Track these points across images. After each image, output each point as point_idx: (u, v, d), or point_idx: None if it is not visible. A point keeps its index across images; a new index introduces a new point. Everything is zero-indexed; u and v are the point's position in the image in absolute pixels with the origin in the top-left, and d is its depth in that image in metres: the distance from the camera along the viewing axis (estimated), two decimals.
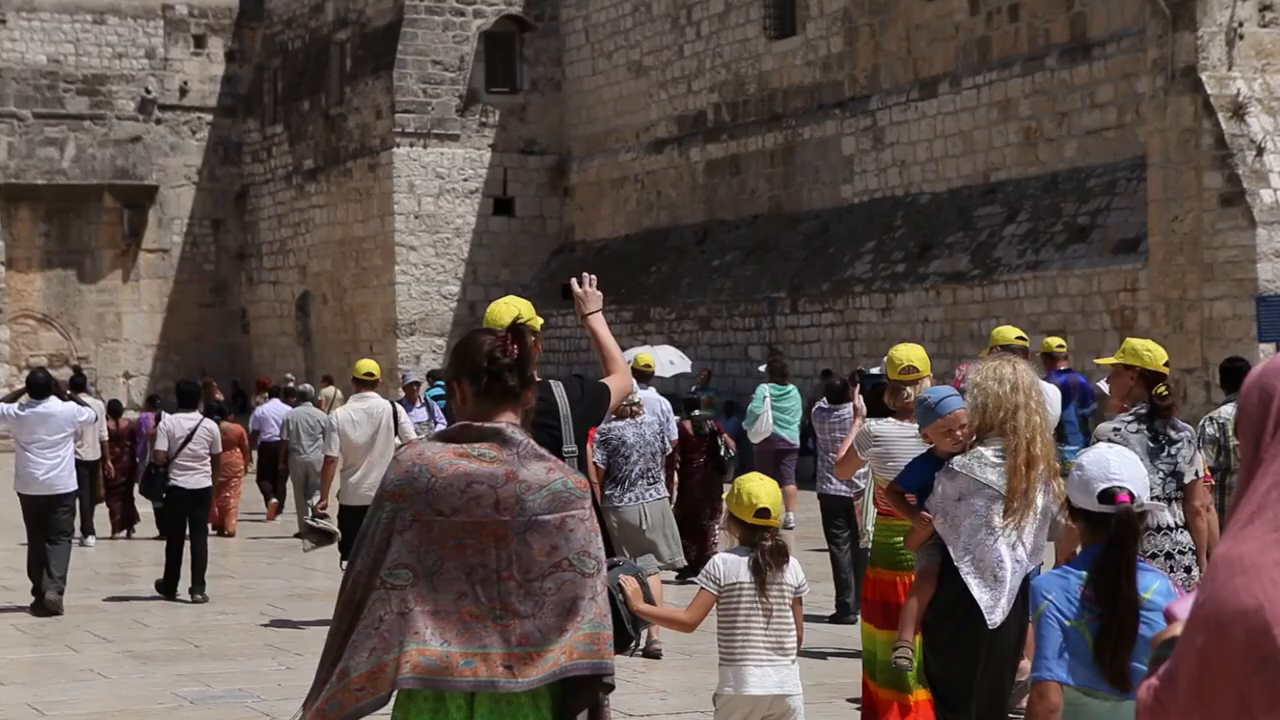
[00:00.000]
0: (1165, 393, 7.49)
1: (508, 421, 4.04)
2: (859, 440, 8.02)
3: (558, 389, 5.74)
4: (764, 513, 6.22)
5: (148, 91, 40.08)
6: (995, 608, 6.07)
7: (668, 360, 22.35)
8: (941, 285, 24.21)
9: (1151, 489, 5.84)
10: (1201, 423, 9.41)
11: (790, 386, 18.85)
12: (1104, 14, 23.05)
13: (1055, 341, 14.36)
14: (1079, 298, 22.02)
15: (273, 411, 21.72)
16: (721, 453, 14.82)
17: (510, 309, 5.73)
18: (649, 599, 4.87)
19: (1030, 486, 6.05)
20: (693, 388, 24.77)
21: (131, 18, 40.42)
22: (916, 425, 6.87)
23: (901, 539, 7.30)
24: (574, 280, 6.05)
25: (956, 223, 24.82)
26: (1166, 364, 7.66)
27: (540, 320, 5.93)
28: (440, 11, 34.06)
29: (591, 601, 3.96)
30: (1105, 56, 22.86)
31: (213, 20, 40.87)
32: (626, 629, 4.57)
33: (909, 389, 7.60)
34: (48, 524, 13.39)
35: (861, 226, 26.86)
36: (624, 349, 23.84)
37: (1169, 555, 7.23)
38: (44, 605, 13.26)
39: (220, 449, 15.03)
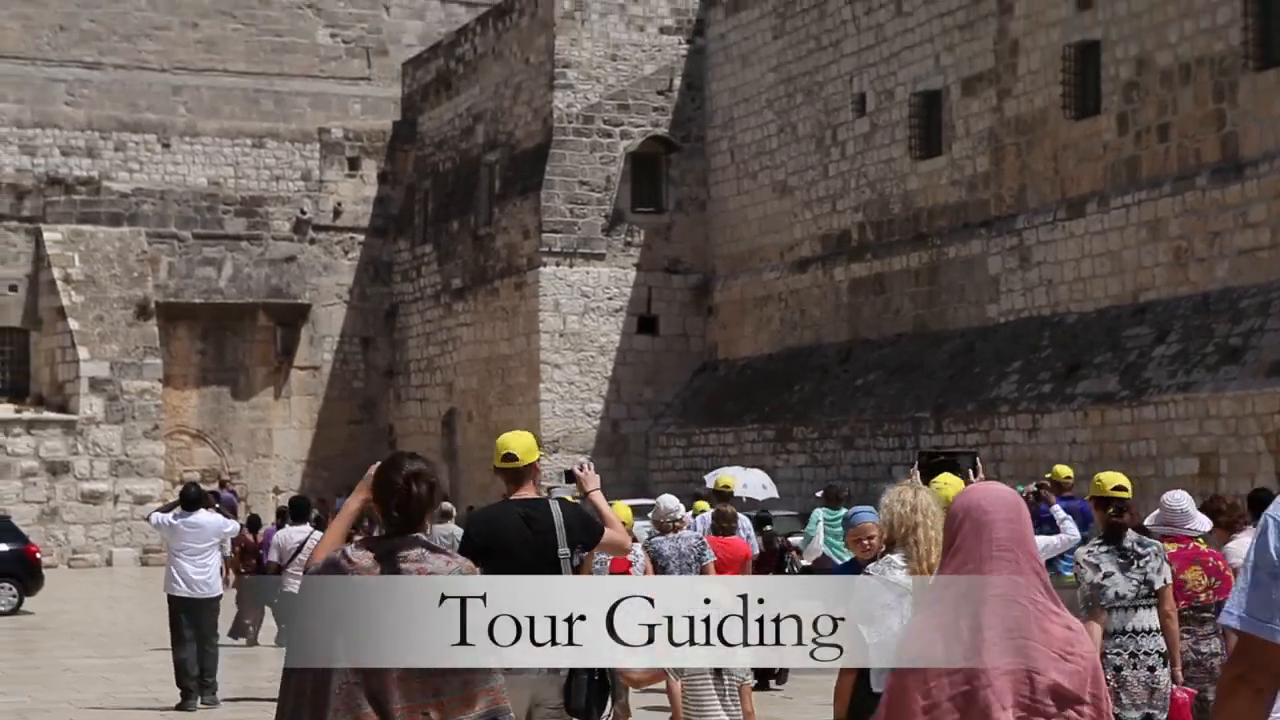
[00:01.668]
0: (1113, 513, 8.91)
1: (415, 534, 5.34)
2: None
3: (554, 505, 7.37)
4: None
5: (303, 212, 41.10)
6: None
7: (760, 485, 24.32)
8: (1089, 406, 23.87)
9: (1125, 596, 8.65)
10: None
11: (843, 511, 19.97)
12: (1256, 133, 22.77)
13: (1064, 471, 15.61)
14: (1232, 420, 21.56)
15: None
16: (787, 568, 17.61)
17: (517, 441, 7.54)
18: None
19: None
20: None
21: (289, 141, 41.58)
22: None
23: None
24: (575, 467, 7.95)
25: (1105, 343, 24.49)
26: (1119, 488, 9.07)
27: (537, 454, 7.67)
28: (588, 133, 34.59)
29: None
30: (1258, 176, 22.56)
31: (367, 143, 41.89)
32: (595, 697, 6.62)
33: None
34: (197, 627, 14.35)
35: (1007, 346, 26.61)
36: (752, 468, 24.92)
37: (1132, 655, 8.63)
38: (194, 705, 13.95)
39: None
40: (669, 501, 13.42)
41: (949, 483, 8.56)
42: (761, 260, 33.55)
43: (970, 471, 9.80)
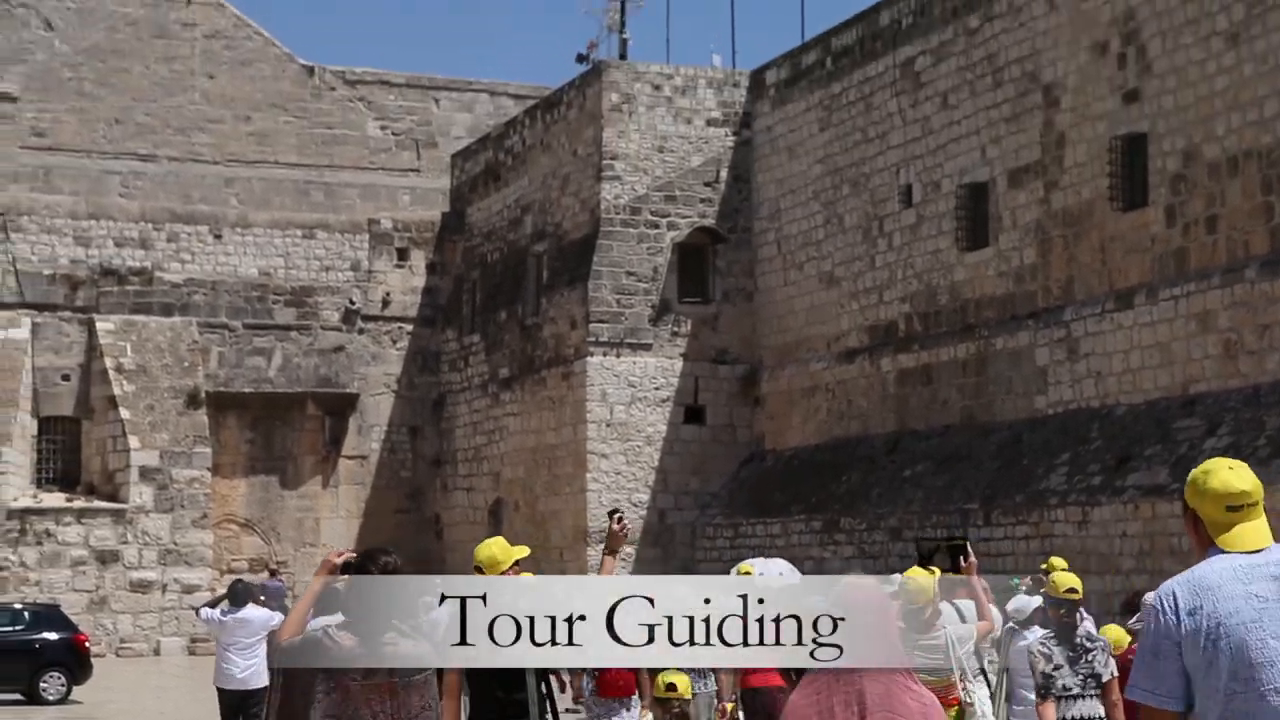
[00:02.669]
0: (1064, 614, 10.40)
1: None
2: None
3: None
4: (672, 687, 9.34)
5: (352, 302, 41.41)
6: None
7: (776, 572, 24.87)
8: (1140, 499, 23.70)
9: (1071, 688, 9.86)
10: None
11: None
12: None
13: (1060, 563, 16.31)
14: None
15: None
16: None
17: (484, 553, 8.55)
18: None
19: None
20: None
21: (339, 232, 41.99)
22: (934, 638, 10.43)
23: None
24: (616, 513, 9.06)
25: (1155, 435, 24.36)
26: (1070, 590, 10.49)
27: (524, 551, 8.92)
28: (635, 224, 34.80)
29: None
30: None
31: (415, 234, 42.24)
32: None
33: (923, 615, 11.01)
34: (244, 716, 15.06)
35: (1056, 438, 26.49)
36: (793, 559, 25.92)
37: None
38: None
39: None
40: None
41: (915, 575, 10.16)
42: (808, 351, 33.56)
43: (962, 558, 11.39)
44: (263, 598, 17.63)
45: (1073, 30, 27.04)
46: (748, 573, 16.30)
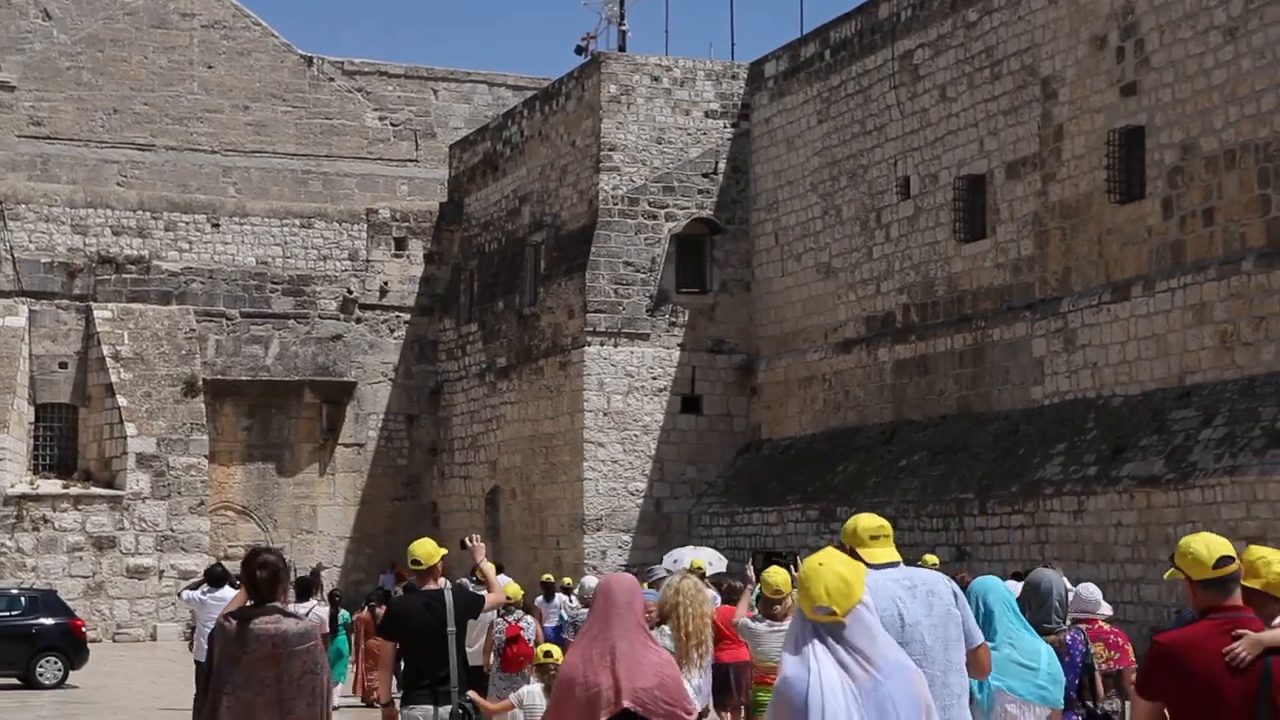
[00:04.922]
0: (775, 609, 12.32)
1: (272, 604, 7.85)
2: (741, 630, 12.99)
3: (448, 594, 9.87)
4: (549, 654, 11.58)
5: (349, 291, 41.49)
6: None
7: (708, 560, 25.61)
8: (1135, 489, 23.82)
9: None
10: None
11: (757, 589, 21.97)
12: None
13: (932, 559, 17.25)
14: (1279, 504, 21.48)
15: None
16: None
17: (421, 549, 10.07)
18: None
19: (690, 650, 10.18)
20: None
21: (337, 222, 42.05)
22: (784, 625, 11.44)
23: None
24: (466, 539, 10.80)
25: (1150, 425, 24.48)
26: (777, 591, 12.40)
27: (444, 550, 10.22)
28: (633, 215, 34.88)
29: (322, 693, 7.79)
30: None
31: (413, 223, 42.32)
32: None
33: (778, 606, 12.51)
34: None
35: (1052, 428, 26.61)
36: (790, 548, 26.36)
37: None
38: None
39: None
40: (590, 582, 16.66)
41: (776, 572, 12.45)
42: (805, 341, 33.66)
43: (791, 567, 13.15)
44: (238, 580, 18.87)
45: (1071, 24, 27.14)
46: (700, 566, 17.28)
